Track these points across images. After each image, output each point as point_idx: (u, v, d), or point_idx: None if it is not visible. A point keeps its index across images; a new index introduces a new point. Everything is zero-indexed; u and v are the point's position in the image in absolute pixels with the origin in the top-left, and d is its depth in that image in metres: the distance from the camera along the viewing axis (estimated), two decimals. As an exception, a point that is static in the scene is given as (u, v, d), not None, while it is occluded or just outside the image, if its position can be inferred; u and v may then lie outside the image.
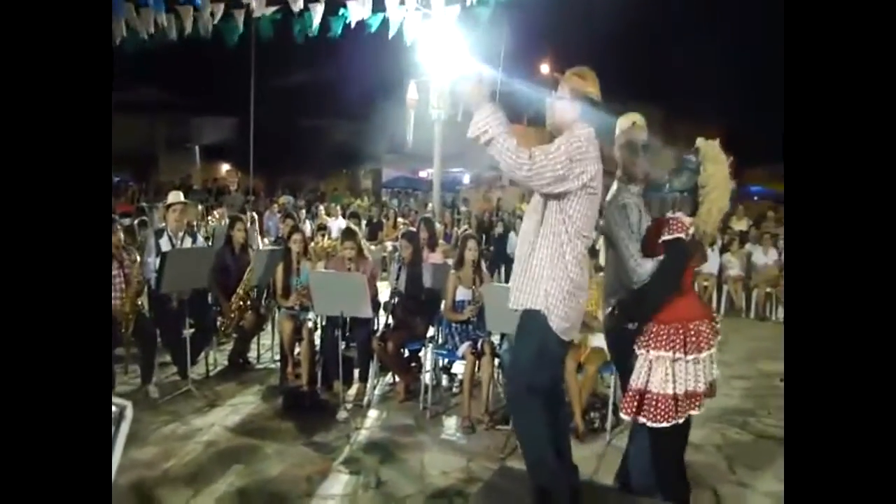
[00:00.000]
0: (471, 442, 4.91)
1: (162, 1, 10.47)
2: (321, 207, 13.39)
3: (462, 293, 5.46)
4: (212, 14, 11.20)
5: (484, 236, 12.30)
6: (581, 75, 3.08)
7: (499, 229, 12.98)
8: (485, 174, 26.79)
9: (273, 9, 11.20)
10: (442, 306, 5.93)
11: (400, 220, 13.11)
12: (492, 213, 15.85)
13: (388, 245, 11.83)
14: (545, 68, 25.90)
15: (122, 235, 5.63)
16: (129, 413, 1.96)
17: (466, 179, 27.27)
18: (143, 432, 4.79)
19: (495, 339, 5.38)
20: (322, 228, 11.85)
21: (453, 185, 24.02)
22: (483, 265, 5.62)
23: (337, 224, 12.30)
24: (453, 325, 5.51)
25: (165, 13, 11.36)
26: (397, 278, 5.70)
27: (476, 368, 5.21)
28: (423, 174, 29.16)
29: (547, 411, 2.97)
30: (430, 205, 14.77)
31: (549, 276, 2.93)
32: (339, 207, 13.94)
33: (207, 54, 21.44)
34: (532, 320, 2.97)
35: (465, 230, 7.90)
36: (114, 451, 1.90)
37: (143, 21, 11.46)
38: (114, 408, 1.93)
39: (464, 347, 5.28)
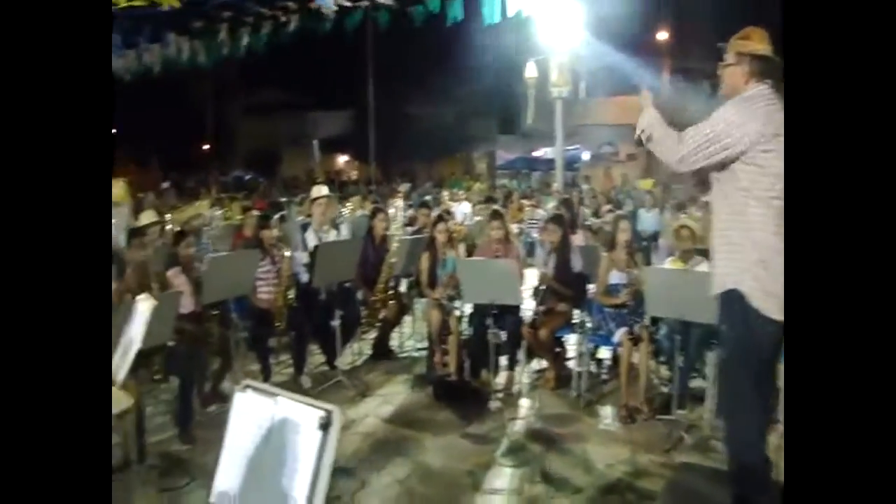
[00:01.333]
0: (631, 432, 4.67)
1: None
2: (444, 193, 13.37)
3: (616, 276, 5.18)
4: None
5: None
6: (744, 36, 2.96)
7: (628, 207, 12.46)
8: (603, 150, 26.06)
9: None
10: (591, 290, 5.71)
11: (524, 201, 12.85)
12: (616, 189, 15.32)
13: (514, 228, 11.63)
14: (662, 36, 24.74)
15: (275, 232, 5.75)
16: (336, 418, 1.85)
17: (586, 157, 26.56)
18: (302, 423, 4.86)
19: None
20: (447, 213, 11.80)
21: (571, 163, 23.42)
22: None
23: (461, 209, 12.22)
24: (606, 309, 5.25)
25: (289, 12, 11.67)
26: (545, 264, 5.49)
27: (633, 355, 4.94)
28: (537, 153, 28.70)
29: (761, 405, 2.77)
30: (554, 184, 14.46)
31: (738, 251, 2.81)
32: (461, 192, 13.87)
33: (322, 50, 22.11)
34: (731, 302, 2.80)
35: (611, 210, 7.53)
36: (322, 461, 1.81)
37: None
38: (320, 412, 1.83)
39: (620, 333, 5.02)
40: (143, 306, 3.42)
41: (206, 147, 32.14)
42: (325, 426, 1.81)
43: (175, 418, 4.76)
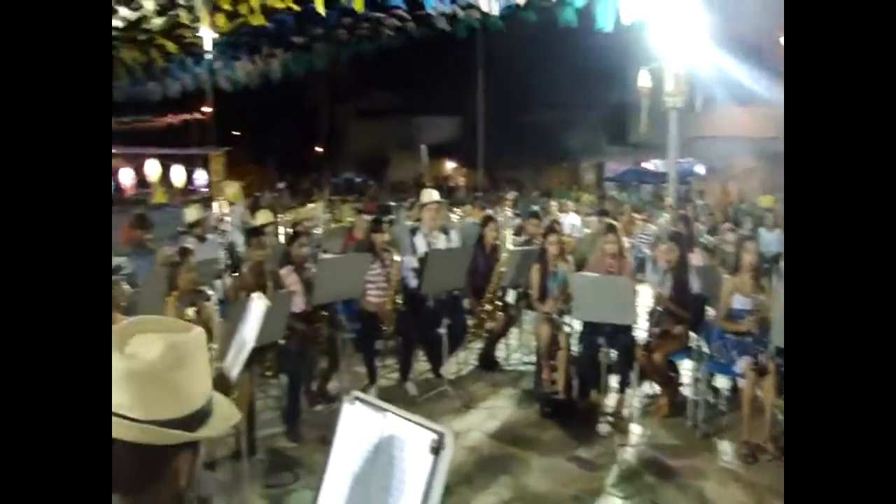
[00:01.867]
0: (755, 473, 4.32)
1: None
2: (552, 203, 13.11)
3: (740, 301, 4.84)
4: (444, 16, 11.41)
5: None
6: None
7: (747, 225, 11.78)
8: (719, 164, 24.90)
9: (503, 3, 11.14)
10: (709, 313, 5.38)
11: (635, 215, 12.40)
12: (733, 206, 14.55)
13: (625, 241, 11.23)
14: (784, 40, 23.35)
15: (386, 236, 5.77)
16: (449, 442, 1.74)
17: (700, 170, 25.51)
18: (405, 430, 4.83)
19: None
20: (557, 224, 11.56)
21: (684, 176, 22.53)
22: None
23: (570, 220, 11.94)
24: (727, 335, 4.91)
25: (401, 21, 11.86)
26: (662, 284, 5.21)
27: (756, 387, 4.58)
28: (647, 165, 27.83)
29: None
30: (666, 198, 13.91)
31: None
32: (569, 203, 13.57)
33: (434, 57, 22.38)
34: None
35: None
36: (432, 486, 1.70)
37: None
38: (432, 435, 1.72)
39: (743, 362, 4.67)
40: (258, 305, 3.47)
41: (319, 150, 33.29)
42: (436, 450, 1.71)
43: (283, 416, 4.84)
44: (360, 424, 1.80)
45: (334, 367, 5.39)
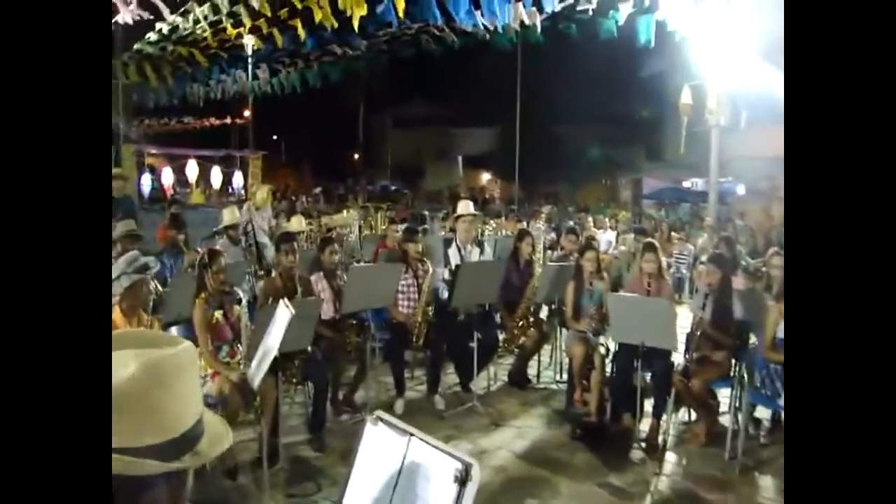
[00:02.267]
0: (797, 511, 4.08)
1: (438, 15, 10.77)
2: (589, 219, 12.91)
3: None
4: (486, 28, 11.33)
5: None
6: None
7: (790, 249, 11.43)
8: (761, 184, 24.36)
9: (544, 16, 11.03)
10: (752, 340, 5.16)
11: (674, 234, 12.14)
12: (777, 229, 14.12)
13: (663, 261, 10.98)
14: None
15: (420, 246, 5.67)
16: (475, 473, 1.60)
17: (741, 190, 25.00)
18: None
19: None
20: (591, 241, 11.36)
21: (724, 196, 22.09)
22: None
23: (606, 237, 11.73)
24: (772, 366, 4.68)
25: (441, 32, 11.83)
26: (703, 307, 5.01)
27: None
28: (686, 184, 27.37)
29: None
30: (706, 218, 13.59)
31: None
32: (606, 219, 13.34)
33: (472, 68, 22.34)
34: None
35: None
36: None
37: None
38: (457, 465, 1.59)
39: (789, 394, 4.44)
40: (283, 313, 3.39)
41: (356, 157, 33.47)
42: (462, 481, 1.59)
43: (308, 424, 4.75)
44: (382, 446, 1.69)
45: (361, 377, 5.29)
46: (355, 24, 7.57)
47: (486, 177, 32.31)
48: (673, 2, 10.15)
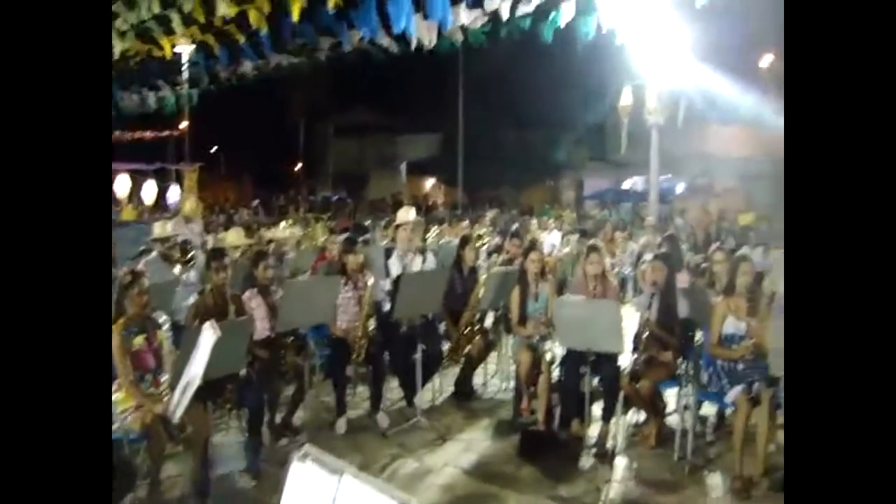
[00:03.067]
0: (748, 510, 4.05)
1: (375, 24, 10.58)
2: (533, 221, 12.91)
3: (733, 325, 4.58)
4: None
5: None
6: None
7: (729, 244, 11.62)
8: (699, 181, 24.92)
9: (484, 19, 10.95)
10: (697, 337, 5.12)
11: (617, 234, 12.20)
12: (715, 225, 14.41)
13: (606, 262, 11.00)
14: (765, 62, 23.56)
15: (360, 258, 5.46)
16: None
17: (680, 188, 25.53)
18: (374, 467, 4.51)
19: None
20: (534, 243, 11.32)
21: (665, 194, 22.49)
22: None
23: (550, 239, 11.70)
24: (718, 363, 4.65)
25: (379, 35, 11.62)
26: (648, 307, 4.94)
27: (750, 418, 4.32)
28: (628, 183, 27.82)
29: None
30: (648, 217, 13.75)
31: None
32: (550, 221, 13.35)
33: (414, 74, 22.24)
34: None
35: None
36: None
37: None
38: None
39: (735, 392, 4.40)
40: (207, 337, 3.16)
41: (297, 167, 32.93)
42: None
43: (243, 452, 4.48)
44: (311, 485, 1.51)
45: (300, 397, 5.04)
46: (296, 14, 7.34)
47: (430, 183, 32.19)
48: (611, 4, 10.21)
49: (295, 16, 7.51)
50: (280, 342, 5.01)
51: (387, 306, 5.45)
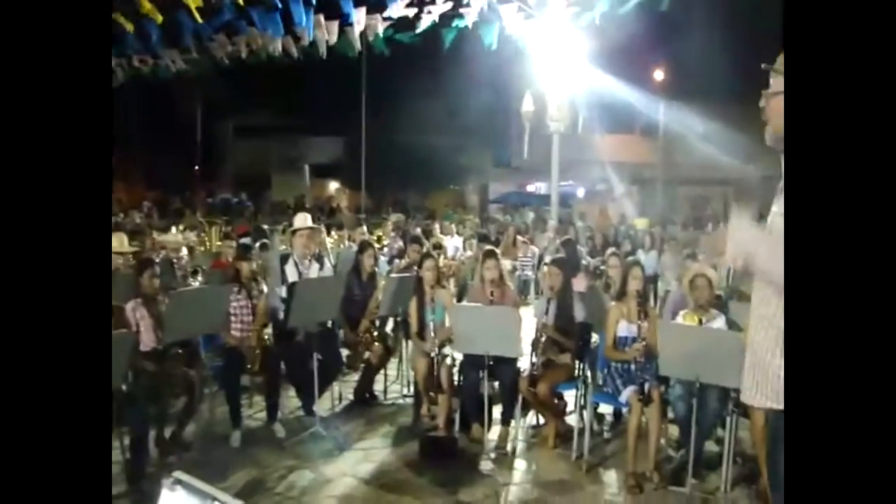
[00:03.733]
0: (640, 504, 4.17)
1: (279, 25, 10.33)
2: (436, 226, 12.93)
3: (625, 328, 4.72)
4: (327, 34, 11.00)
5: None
6: None
7: (626, 247, 12.07)
8: (598, 187, 25.81)
9: (387, 24, 10.90)
10: (594, 341, 5.25)
11: (519, 238, 12.43)
12: (613, 228, 14.94)
13: (508, 265, 11.17)
14: (659, 75, 24.74)
15: (254, 265, 5.25)
16: None
17: (580, 193, 26.35)
18: (271, 479, 4.36)
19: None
20: (437, 248, 11.35)
21: (566, 199, 23.13)
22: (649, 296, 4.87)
23: (453, 243, 11.77)
24: (613, 364, 4.78)
25: (283, 36, 11.33)
26: (546, 311, 5.02)
27: (642, 417, 4.46)
28: (531, 188, 28.46)
29: None
30: (549, 221, 14.07)
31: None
32: (452, 226, 13.42)
33: (317, 76, 21.87)
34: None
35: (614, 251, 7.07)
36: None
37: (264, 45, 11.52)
38: None
39: (628, 392, 4.53)
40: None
41: (194, 168, 31.63)
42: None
43: (125, 474, 4.20)
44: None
45: (191, 411, 4.80)
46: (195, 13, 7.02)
47: (333, 186, 31.79)
48: (513, 12, 10.37)
49: (195, 14, 7.18)
50: (169, 354, 4.75)
51: (283, 314, 5.28)
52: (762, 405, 2.23)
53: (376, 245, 6.68)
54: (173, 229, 9.77)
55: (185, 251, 8.26)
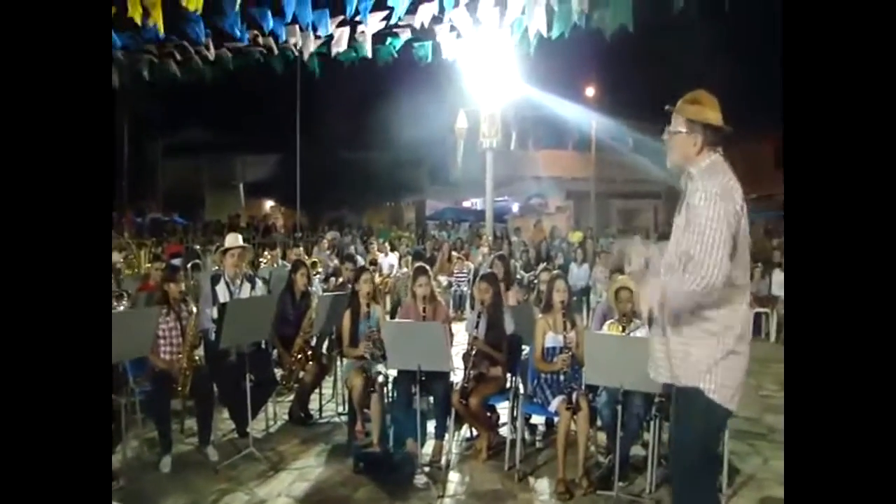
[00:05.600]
0: (570, 510, 4.30)
1: (206, 36, 10.16)
2: (372, 243, 12.93)
3: (552, 339, 4.87)
4: (261, 50, 10.90)
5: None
6: (695, 100, 2.70)
7: (559, 260, 12.36)
8: (532, 202, 26.30)
9: (319, 42, 10.89)
10: (524, 353, 5.38)
11: (454, 253, 12.57)
12: (547, 242, 15.25)
13: (443, 280, 11.29)
14: (591, 91, 25.49)
15: (182, 286, 5.18)
16: None
17: (515, 208, 26.78)
18: (203, 503, 4.30)
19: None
20: (373, 264, 11.35)
21: (501, 214, 23.48)
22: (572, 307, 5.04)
23: (388, 260, 11.81)
24: (542, 375, 4.91)
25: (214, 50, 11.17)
26: (476, 326, 5.12)
27: (571, 425, 4.60)
28: (467, 204, 28.75)
29: (713, 484, 2.71)
30: (484, 236, 14.27)
31: (706, 345, 2.60)
32: (387, 243, 13.46)
33: (250, 92, 21.62)
34: (689, 397, 2.62)
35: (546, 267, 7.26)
36: None
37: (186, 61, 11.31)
38: None
39: (557, 402, 4.67)
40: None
41: (121, 186, 30.59)
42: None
43: None
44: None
45: (118, 439, 4.69)
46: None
47: (269, 204, 31.35)
48: (447, 31, 10.54)
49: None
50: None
51: (214, 334, 5.23)
52: (660, 380, 2.67)
53: (311, 267, 6.64)
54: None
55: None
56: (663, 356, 2.71)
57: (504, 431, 5.32)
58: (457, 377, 5.14)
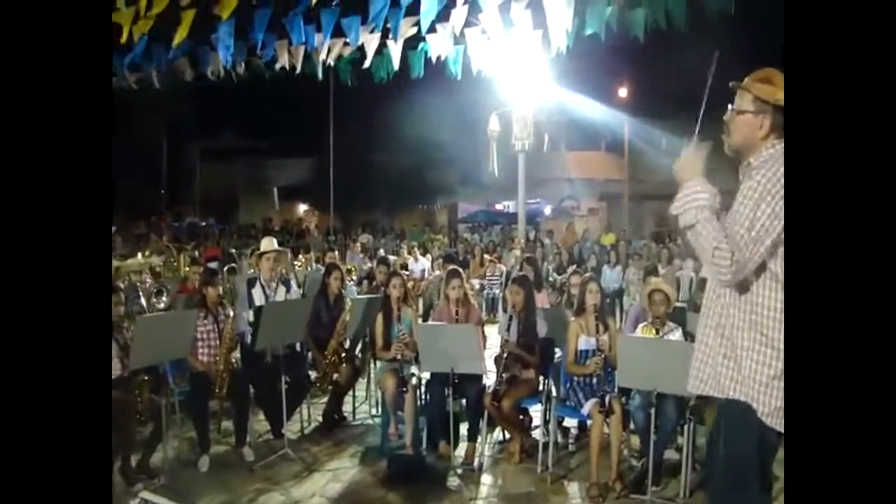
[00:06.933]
0: (604, 514, 4.29)
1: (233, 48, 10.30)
2: (403, 246, 13.00)
3: (585, 342, 4.86)
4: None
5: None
6: (766, 78, 2.35)
7: (591, 263, 12.29)
8: (564, 204, 26.17)
9: (351, 48, 10.96)
10: (557, 356, 5.38)
11: (486, 256, 12.57)
12: (579, 245, 15.18)
13: (476, 283, 11.30)
14: (623, 92, 25.27)
15: (220, 289, 5.30)
16: None
17: (547, 211, 26.67)
18: (238, 503, 4.38)
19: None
20: (403, 268, 11.41)
21: (533, 217, 23.40)
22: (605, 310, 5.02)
23: (419, 265, 11.86)
24: (575, 378, 4.90)
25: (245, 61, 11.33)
26: (508, 328, 5.14)
27: (604, 428, 4.58)
28: (499, 207, 28.71)
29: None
30: (516, 239, 14.25)
31: (753, 358, 2.26)
32: (416, 248, 13.52)
33: (284, 98, 21.91)
34: (735, 412, 2.31)
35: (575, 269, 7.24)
36: None
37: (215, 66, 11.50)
38: None
39: (589, 405, 4.66)
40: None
41: (160, 192, 31.25)
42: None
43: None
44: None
45: (157, 438, 4.80)
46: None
47: (302, 208, 31.67)
48: (477, 36, 10.54)
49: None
50: (134, 381, 4.77)
51: (250, 337, 5.33)
52: (698, 391, 2.42)
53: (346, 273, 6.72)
54: (139, 255, 9.69)
55: (147, 275, 8.22)
56: (710, 362, 2.38)
57: (537, 434, 5.32)
58: (489, 380, 5.17)
